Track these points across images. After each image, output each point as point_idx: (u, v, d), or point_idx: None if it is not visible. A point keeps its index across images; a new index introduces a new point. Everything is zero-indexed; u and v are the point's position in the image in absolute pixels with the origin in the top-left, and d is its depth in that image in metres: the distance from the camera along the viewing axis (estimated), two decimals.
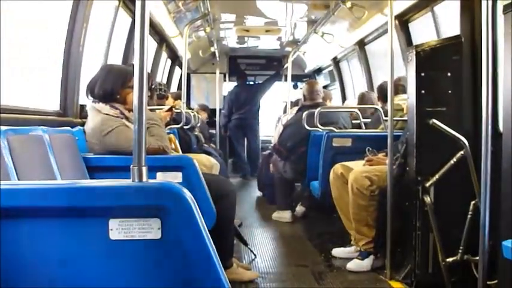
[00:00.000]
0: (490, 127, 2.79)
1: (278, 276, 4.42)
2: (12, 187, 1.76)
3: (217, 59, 11.61)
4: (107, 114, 3.56)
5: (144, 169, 1.73)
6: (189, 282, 1.73)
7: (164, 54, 9.15)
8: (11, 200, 1.69)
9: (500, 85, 3.15)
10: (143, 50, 1.76)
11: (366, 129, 6.12)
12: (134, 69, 1.76)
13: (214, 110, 11.07)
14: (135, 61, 1.76)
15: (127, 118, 3.61)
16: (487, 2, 2.66)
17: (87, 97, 3.73)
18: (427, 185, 3.64)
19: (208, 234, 1.76)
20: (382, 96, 5.75)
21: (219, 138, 10.91)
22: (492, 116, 2.80)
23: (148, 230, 1.71)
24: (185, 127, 6.13)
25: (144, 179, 1.73)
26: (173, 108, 4.56)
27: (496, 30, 3.27)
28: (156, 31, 7.71)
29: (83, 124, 3.88)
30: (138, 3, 1.76)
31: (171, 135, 4.85)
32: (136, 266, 1.74)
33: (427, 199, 3.63)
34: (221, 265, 1.77)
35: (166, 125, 4.48)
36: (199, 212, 1.75)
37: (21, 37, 3.98)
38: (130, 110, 3.64)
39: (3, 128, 2.53)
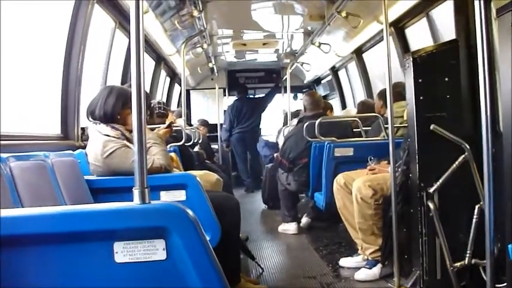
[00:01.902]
0: (489, 129, 2.78)
1: None
2: (16, 215, 1.76)
3: (216, 74, 11.67)
4: (107, 135, 3.56)
5: (147, 191, 1.73)
6: None
7: (163, 72, 9.17)
8: (15, 228, 1.69)
9: (499, 86, 3.15)
10: (140, 70, 1.77)
11: (367, 137, 6.11)
12: (132, 90, 1.76)
13: (215, 125, 11.08)
14: (132, 81, 1.77)
15: (128, 139, 3.61)
16: (480, 6, 2.66)
17: (88, 119, 3.73)
18: (431, 190, 3.63)
19: (213, 252, 1.76)
20: (385, 102, 5.73)
21: (221, 153, 10.90)
22: (491, 118, 2.79)
23: (153, 251, 1.71)
24: (186, 144, 6.13)
25: (147, 200, 1.73)
26: (171, 125, 4.55)
27: (491, 33, 3.28)
28: (153, 50, 7.74)
29: (84, 147, 3.88)
30: (132, 24, 1.77)
31: (173, 154, 4.85)
32: None
33: (432, 205, 3.62)
34: (227, 282, 1.77)
35: (166, 142, 4.48)
36: (203, 230, 1.75)
37: (20, 61, 4.00)
38: (131, 131, 3.64)
39: (5, 155, 2.53)
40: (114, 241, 1.71)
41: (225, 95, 12.84)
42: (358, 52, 8.59)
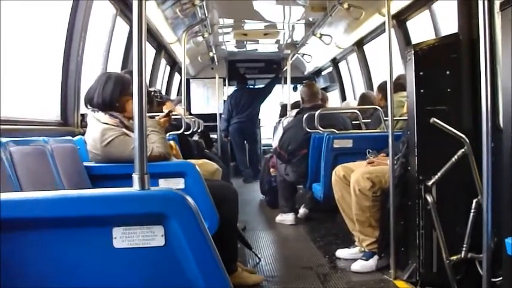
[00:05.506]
0: (490, 124, 2.79)
1: (283, 279, 4.41)
2: (15, 198, 1.77)
3: (216, 63, 11.66)
4: (106, 123, 3.55)
5: (146, 177, 1.74)
6: None
7: (163, 61, 9.15)
8: (15, 212, 1.70)
9: (500, 81, 3.15)
10: (142, 58, 1.77)
11: (366, 129, 6.11)
12: (133, 77, 1.76)
13: (214, 115, 11.07)
14: (134, 69, 1.76)
15: (126, 127, 3.59)
16: (483, 0, 2.66)
17: (86, 106, 3.71)
18: (429, 183, 3.63)
19: (212, 240, 1.76)
20: (384, 95, 5.75)
21: (220, 143, 10.89)
22: (492, 113, 2.79)
23: (152, 237, 1.72)
24: (186, 133, 6.11)
25: (146, 186, 1.73)
26: (170, 113, 4.54)
27: (494, 27, 3.27)
28: (154, 38, 7.72)
29: (84, 133, 3.87)
30: (135, 11, 1.76)
31: (172, 142, 4.84)
32: (141, 274, 1.75)
33: (430, 198, 3.63)
34: (225, 270, 1.77)
35: (166, 130, 4.47)
36: (201, 218, 1.75)
37: (21, 46, 3.99)
38: (129, 119, 3.63)
39: (4, 139, 2.53)
40: (113, 226, 1.72)
41: (225, 85, 12.83)
42: (359, 44, 8.57)
